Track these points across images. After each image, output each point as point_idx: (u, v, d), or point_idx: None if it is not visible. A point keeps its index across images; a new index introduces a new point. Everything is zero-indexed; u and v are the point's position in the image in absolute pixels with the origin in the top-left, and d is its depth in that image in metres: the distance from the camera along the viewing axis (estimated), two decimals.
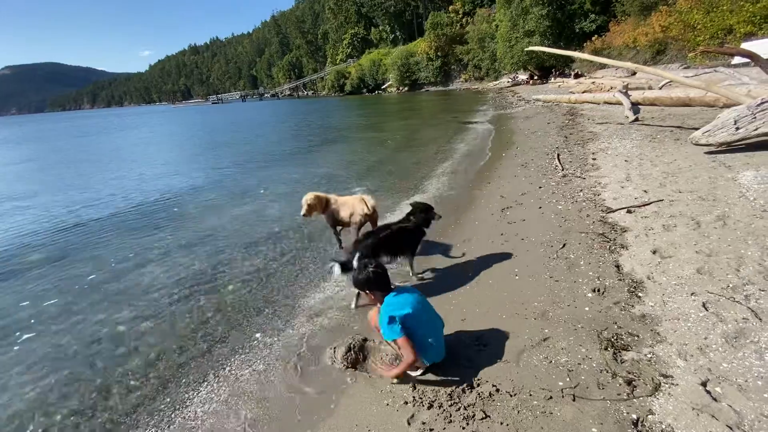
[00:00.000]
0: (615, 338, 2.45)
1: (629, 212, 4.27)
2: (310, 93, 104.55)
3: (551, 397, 2.09)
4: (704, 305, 2.56)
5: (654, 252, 3.34)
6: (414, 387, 2.34)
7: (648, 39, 22.79)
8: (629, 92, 10.38)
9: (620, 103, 10.35)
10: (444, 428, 2.03)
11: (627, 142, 7.37)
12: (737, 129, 5.36)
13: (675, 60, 20.04)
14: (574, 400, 2.05)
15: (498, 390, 2.20)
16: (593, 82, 19.61)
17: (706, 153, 5.67)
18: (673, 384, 2.03)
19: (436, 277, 3.78)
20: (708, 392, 1.94)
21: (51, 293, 4.33)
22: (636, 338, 2.43)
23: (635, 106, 9.41)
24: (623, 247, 3.57)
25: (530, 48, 18.25)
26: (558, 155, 7.36)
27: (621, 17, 29.47)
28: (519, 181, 6.38)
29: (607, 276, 3.17)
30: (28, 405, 2.74)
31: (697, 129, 6.02)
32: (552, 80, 31.94)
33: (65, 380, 2.95)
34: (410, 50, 65.12)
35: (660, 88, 11.27)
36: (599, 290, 2.99)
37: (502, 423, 2.00)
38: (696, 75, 12.58)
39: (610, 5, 31.71)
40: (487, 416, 2.04)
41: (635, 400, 1.99)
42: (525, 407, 2.06)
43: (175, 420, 2.48)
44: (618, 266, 3.29)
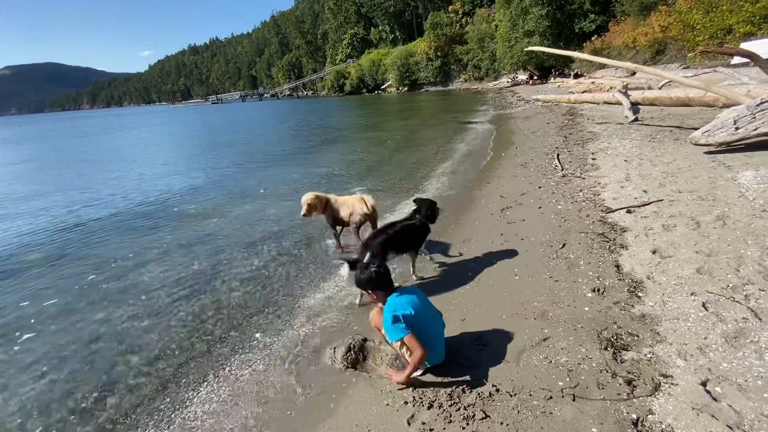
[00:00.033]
0: (615, 338, 2.45)
1: (629, 212, 4.27)
2: (310, 93, 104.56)
3: (551, 397, 2.09)
4: (704, 305, 2.56)
5: (654, 252, 3.35)
6: (414, 387, 2.33)
7: (647, 39, 22.82)
8: (629, 92, 10.39)
9: (620, 103, 10.36)
10: (444, 428, 2.03)
11: (627, 142, 7.38)
12: (737, 129, 5.37)
13: (674, 60, 20.06)
14: (574, 400, 2.05)
15: (498, 390, 2.20)
16: (593, 82, 19.62)
17: (706, 153, 5.68)
18: (673, 384, 2.04)
19: (436, 277, 3.78)
20: (708, 392, 1.94)
21: (51, 293, 4.33)
22: (636, 338, 2.43)
23: (635, 106, 9.42)
24: (623, 247, 3.57)
25: (530, 48, 18.29)
26: (558, 155, 7.36)
27: (620, 17, 29.51)
28: (519, 181, 6.38)
29: (607, 276, 3.17)
30: (28, 404, 2.74)
31: (697, 129, 6.03)
32: (551, 80, 31.97)
33: (65, 380, 2.95)
34: (410, 50, 65.12)
35: (659, 88, 11.28)
36: (599, 290, 2.99)
37: (502, 423, 2.00)
38: (695, 75, 12.59)
39: (610, 5, 31.76)
40: (487, 416, 2.04)
41: (635, 400, 1.99)
42: (525, 407, 2.06)
43: (175, 420, 2.48)
44: (618, 266, 3.29)
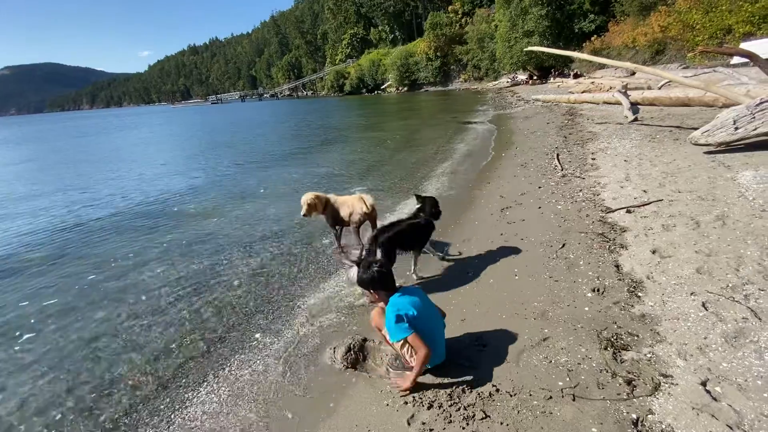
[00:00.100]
0: (615, 338, 2.45)
1: (629, 212, 4.27)
2: (310, 93, 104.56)
3: (551, 397, 2.09)
4: (704, 305, 2.56)
5: (653, 252, 3.35)
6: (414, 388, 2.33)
7: (647, 39, 22.84)
8: (628, 92, 10.39)
9: (619, 103, 10.36)
10: (444, 428, 2.03)
11: (626, 142, 7.38)
12: (736, 129, 5.37)
13: (674, 60, 20.08)
14: (574, 400, 2.05)
15: (498, 390, 2.20)
16: (592, 82, 19.64)
17: (706, 153, 5.68)
18: (673, 384, 2.04)
19: (436, 277, 3.78)
20: (708, 392, 1.94)
21: (51, 292, 4.33)
22: (636, 338, 2.43)
23: (634, 106, 9.43)
24: (623, 247, 3.57)
25: (529, 48, 18.31)
26: (557, 155, 7.36)
27: (620, 17, 29.54)
28: (518, 181, 6.38)
29: (607, 276, 3.17)
30: (28, 404, 2.74)
31: (697, 129, 6.03)
32: (551, 80, 32.01)
33: (65, 379, 2.94)
34: (409, 50, 65.13)
35: (659, 88, 11.29)
36: (599, 290, 2.99)
37: (502, 423, 2.00)
38: (695, 75, 12.61)
39: (610, 5, 31.79)
40: (487, 416, 2.04)
41: (635, 400, 1.99)
42: (525, 407, 2.06)
43: (175, 420, 2.48)
44: (617, 266, 3.29)
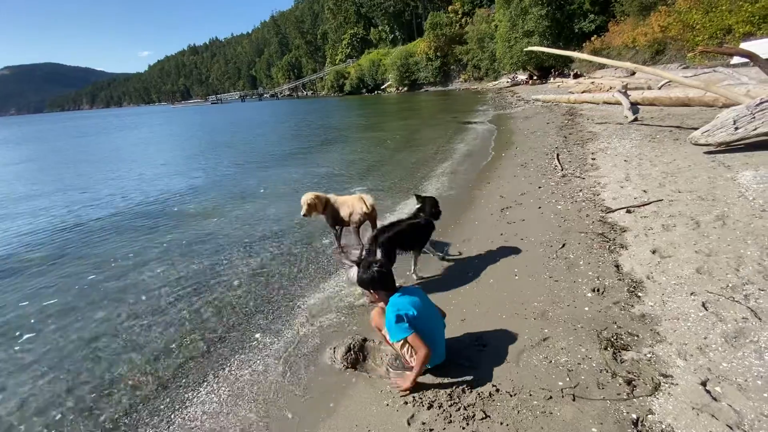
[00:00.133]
0: (615, 338, 2.45)
1: (629, 212, 4.27)
2: (310, 93, 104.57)
3: (551, 397, 2.09)
4: (704, 305, 2.56)
5: (653, 252, 3.35)
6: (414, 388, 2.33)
7: (647, 39, 22.84)
8: (628, 92, 10.39)
9: (619, 103, 10.36)
10: (444, 428, 2.03)
11: (626, 142, 7.38)
12: (736, 129, 5.37)
13: (674, 60, 20.08)
14: (574, 400, 2.05)
15: (498, 390, 2.20)
16: (592, 82, 19.65)
17: (706, 153, 5.68)
18: (673, 384, 2.04)
19: (436, 277, 3.78)
20: (708, 392, 1.94)
21: (51, 292, 4.33)
22: (636, 338, 2.43)
23: (634, 106, 9.43)
24: (623, 247, 3.57)
25: (529, 48, 18.31)
26: (557, 155, 7.36)
27: (620, 17, 29.54)
28: (518, 181, 6.38)
29: (607, 276, 3.17)
30: (28, 404, 2.74)
31: (697, 129, 6.03)
32: (551, 80, 32.02)
33: (65, 379, 2.94)
34: (409, 50, 65.14)
35: (659, 88, 11.29)
36: (599, 290, 2.99)
37: (502, 423, 2.00)
38: (695, 75, 12.61)
39: (610, 5, 31.79)
40: (487, 416, 2.04)
41: (635, 400, 1.99)
42: (525, 407, 2.06)
43: (175, 420, 2.48)
44: (617, 266, 3.29)
